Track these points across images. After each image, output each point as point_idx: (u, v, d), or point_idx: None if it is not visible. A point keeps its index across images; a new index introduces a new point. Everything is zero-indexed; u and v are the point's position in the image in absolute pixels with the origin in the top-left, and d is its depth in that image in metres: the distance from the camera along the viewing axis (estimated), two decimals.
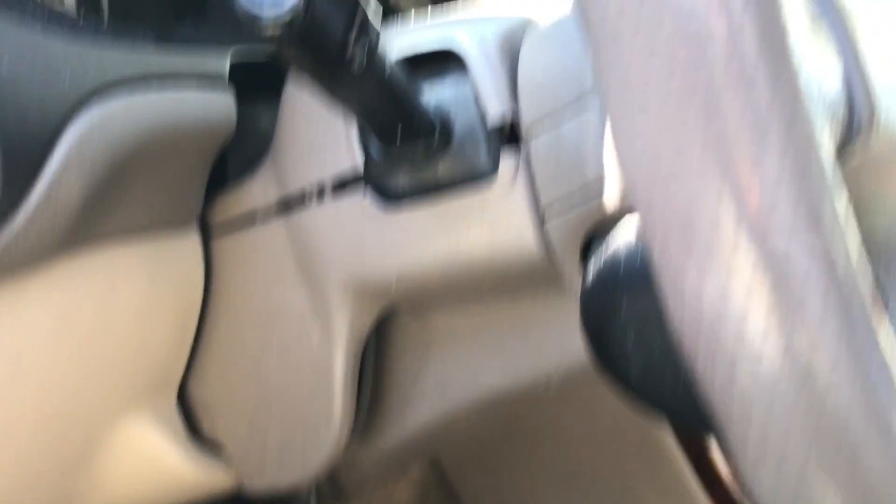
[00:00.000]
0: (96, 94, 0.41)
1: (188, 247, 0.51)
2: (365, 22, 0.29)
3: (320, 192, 0.46)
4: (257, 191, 0.48)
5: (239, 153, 0.52)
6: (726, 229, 0.19)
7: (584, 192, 0.37)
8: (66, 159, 0.39)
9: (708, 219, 0.20)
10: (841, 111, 0.29)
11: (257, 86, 0.51)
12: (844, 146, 0.30)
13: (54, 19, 0.42)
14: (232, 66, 0.49)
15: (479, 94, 0.41)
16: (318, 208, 0.46)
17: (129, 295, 0.48)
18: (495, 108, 0.40)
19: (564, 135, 0.37)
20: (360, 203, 0.44)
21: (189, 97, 0.45)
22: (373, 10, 0.30)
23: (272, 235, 0.49)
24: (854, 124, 0.29)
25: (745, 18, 0.19)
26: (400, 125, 0.39)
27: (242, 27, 0.27)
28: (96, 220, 0.43)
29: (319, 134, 0.45)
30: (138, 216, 0.46)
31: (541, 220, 0.40)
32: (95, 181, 0.41)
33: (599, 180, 0.36)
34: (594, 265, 0.33)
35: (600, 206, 0.36)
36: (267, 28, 0.26)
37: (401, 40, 0.44)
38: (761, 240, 0.19)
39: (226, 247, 0.51)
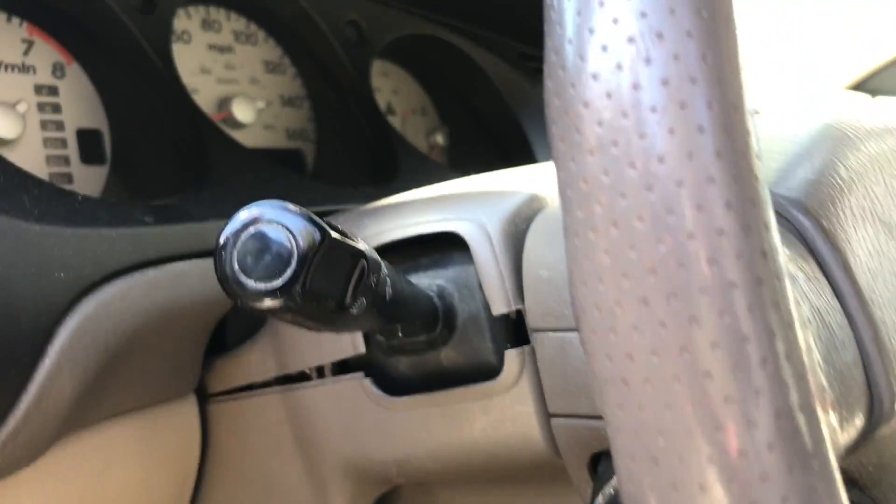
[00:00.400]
0: (93, 286, 0.40)
1: (184, 415, 0.49)
2: (364, 272, 0.28)
3: (320, 370, 0.45)
4: (255, 364, 0.47)
5: (238, 318, 0.51)
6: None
7: (591, 404, 0.36)
8: (59, 358, 0.38)
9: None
10: (861, 397, 0.28)
11: None
12: (869, 432, 0.29)
13: (52, 201, 0.41)
14: None
15: (483, 284, 0.40)
16: (318, 386, 0.44)
17: (123, 472, 0.47)
18: (499, 301, 0.39)
19: (572, 339, 0.36)
20: (361, 387, 0.43)
21: (187, 270, 0.45)
22: (370, 254, 0.29)
23: (270, 405, 0.47)
24: (876, 411, 0.28)
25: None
26: (401, 323, 0.38)
27: (232, 296, 0.26)
28: (89, 408, 0.42)
29: None
30: (134, 396, 0.45)
31: (547, 418, 0.39)
32: (89, 374, 0.40)
33: None
34: (603, 498, 0.31)
35: None
36: (259, 302, 0.26)
37: (403, 217, 0.43)
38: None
39: (223, 413, 0.50)
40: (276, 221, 0.26)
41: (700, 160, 0.18)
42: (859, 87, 1.19)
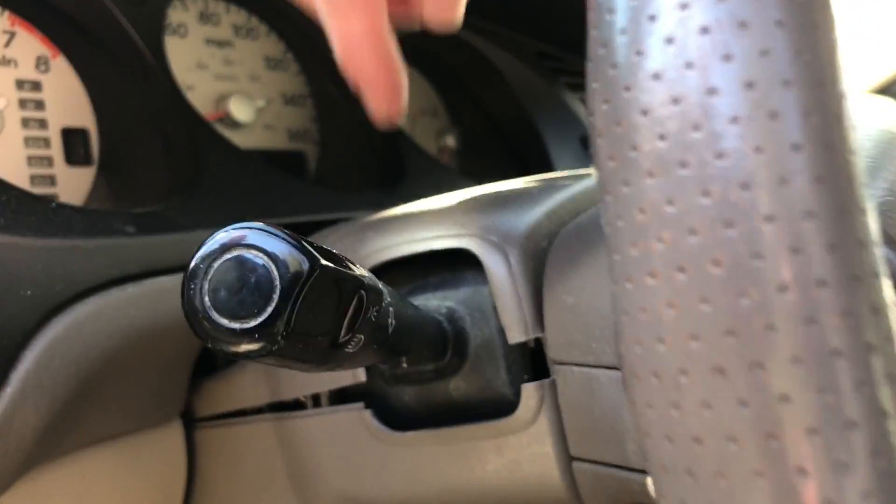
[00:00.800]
0: (65, 305, 0.36)
1: (169, 441, 0.45)
2: (363, 304, 0.24)
3: (316, 398, 0.41)
4: (247, 388, 0.43)
5: None
6: None
7: (622, 453, 0.31)
8: (22, 385, 0.34)
9: None
10: None
11: None
12: None
13: (23, 208, 0.37)
14: None
15: (498, 308, 0.35)
16: (313, 416, 0.40)
17: (101, 501, 0.43)
18: (516, 328, 0.35)
19: (599, 377, 0.32)
20: (361, 418, 0.38)
21: (172, 286, 0.40)
22: (370, 282, 0.25)
23: (261, 434, 0.43)
24: None
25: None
26: (405, 356, 0.34)
27: (202, 336, 0.22)
28: (60, 438, 0.38)
29: None
30: (112, 423, 0.41)
31: (569, 461, 0.34)
32: (58, 402, 0.36)
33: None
34: None
35: (642, 485, 0.31)
36: (232, 344, 0.22)
37: (410, 231, 0.39)
38: None
39: (210, 439, 0.46)
40: (256, 247, 0.22)
41: (796, 188, 0.14)
42: (883, 91, 1.15)
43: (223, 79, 0.62)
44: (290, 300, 0.21)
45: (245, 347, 0.22)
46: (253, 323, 0.21)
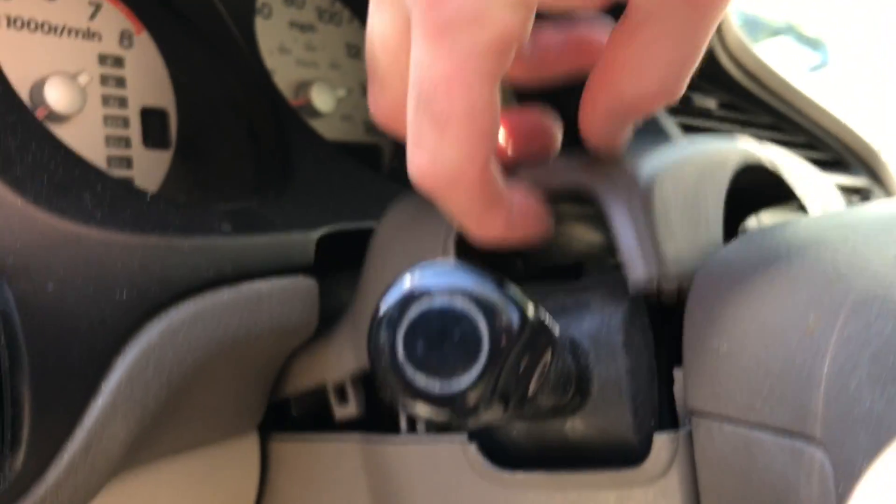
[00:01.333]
0: (160, 308, 0.33)
1: (244, 452, 0.43)
2: (551, 361, 0.21)
3: (412, 422, 0.38)
4: (332, 358, 0.40)
5: None
6: None
7: None
8: (114, 397, 0.31)
9: None
10: None
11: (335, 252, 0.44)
12: None
13: (118, 200, 0.35)
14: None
15: (620, 243, 0.32)
16: (408, 443, 0.37)
17: None
18: (639, 265, 0.32)
19: (763, 441, 0.28)
20: (463, 452, 0.35)
21: (267, 290, 0.37)
22: (553, 327, 0.22)
23: (346, 454, 0.40)
24: None
25: None
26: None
27: (390, 391, 0.19)
28: (141, 451, 0.35)
29: None
30: (192, 435, 0.39)
31: None
32: (147, 414, 0.33)
33: None
34: None
35: None
36: (430, 407, 0.19)
37: None
38: None
39: (287, 453, 0.43)
40: (460, 292, 0.19)
41: None
42: None
43: (305, 65, 0.59)
44: (498, 360, 0.18)
45: (439, 414, 0.19)
46: (455, 386, 0.18)
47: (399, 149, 0.65)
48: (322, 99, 0.58)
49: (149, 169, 0.48)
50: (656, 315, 0.34)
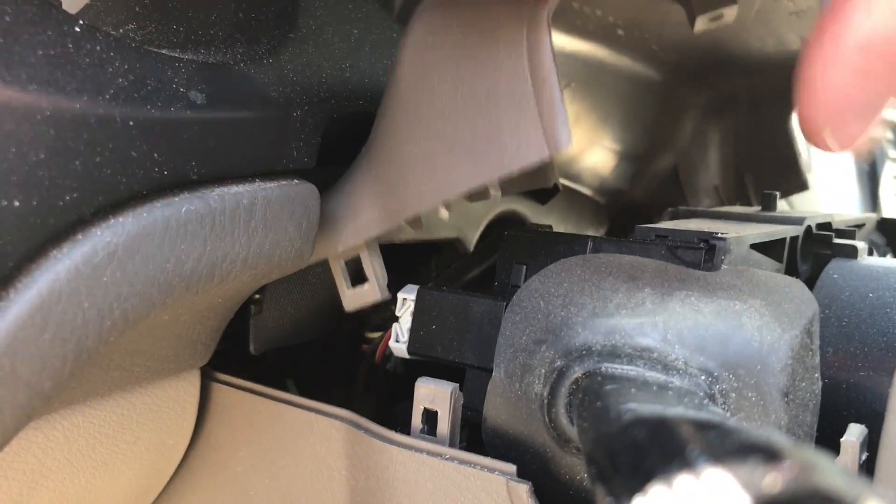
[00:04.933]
0: (75, 228, 0.20)
1: (183, 392, 0.31)
2: None
3: (431, 421, 0.26)
4: (343, 223, 0.27)
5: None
6: None
7: None
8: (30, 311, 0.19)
9: None
10: None
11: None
12: None
13: (18, 34, 0.20)
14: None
15: None
16: (431, 453, 0.26)
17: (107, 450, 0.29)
18: None
19: None
20: (507, 488, 0.25)
21: (248, 203, 0.24)
22: None
23: (323, 431, 0.29)
24: None
25: None
26: None
27: None
28: (72, 390, 0.23)
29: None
30: (119, 380, 0.26)
31: None
32: (46, 383, 0.21)
33: None
34: None
35: None
36: None
37: None
38: None
39: (234, 401, 0.32)
40: None
41: None
42: None
43: None
44: None
45: None
46: None
47: None
48: None
49: None
50: None
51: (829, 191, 0.93)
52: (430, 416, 0.26)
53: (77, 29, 0.21)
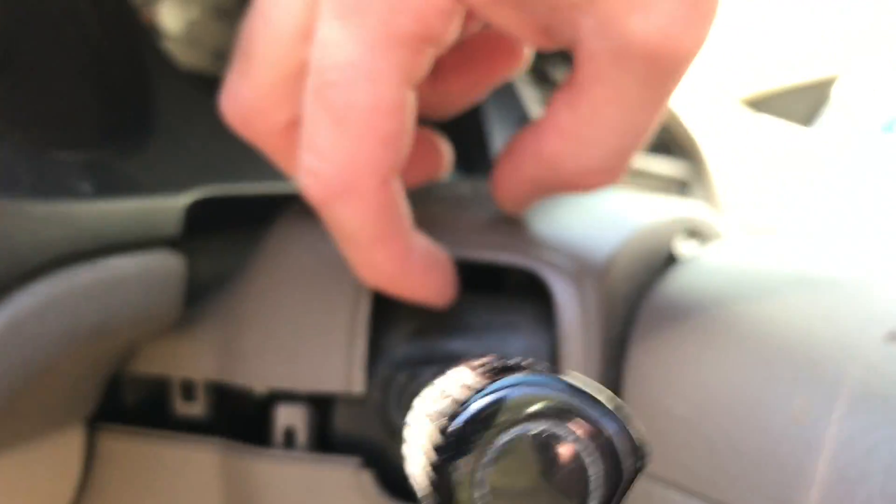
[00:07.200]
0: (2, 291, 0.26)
1: (65, 447, 0.35)
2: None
3: (289, 436, 0.33)
4: (185, 351, 0.34)
5: None
6: None
7: None
8: None
9: None
10: None
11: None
12: None
13: None
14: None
15: (564, 356, 0.30)
16: (285, 459, 0.32)
17: None
18: None
19: None
20: (355, 477, 0.31)
21: (127, 271, 0.30)
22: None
23: (196, 462, 0.35)
24: None
25: None
26: None
27: None
28: None
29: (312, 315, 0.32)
30: (17, 431, 0.31)
31: None
32: None
33: None
34: None
35: None
36: None
37: (464, 233, 0.32)
38: None
39: (119, 449, 0.36)
40: (567, 414, 0.15)
41: None
42: (757, 104, 1.19)
43: None
44: None
45: None
46: None
47: None
48: (171, 17, 0.49)
49: None
50: None
51: None
52: (289, 432, 0.33)
53: None
